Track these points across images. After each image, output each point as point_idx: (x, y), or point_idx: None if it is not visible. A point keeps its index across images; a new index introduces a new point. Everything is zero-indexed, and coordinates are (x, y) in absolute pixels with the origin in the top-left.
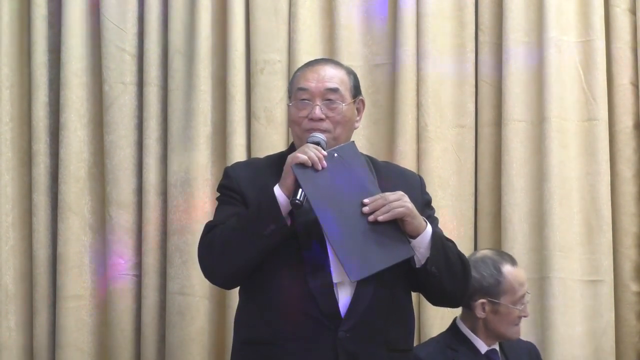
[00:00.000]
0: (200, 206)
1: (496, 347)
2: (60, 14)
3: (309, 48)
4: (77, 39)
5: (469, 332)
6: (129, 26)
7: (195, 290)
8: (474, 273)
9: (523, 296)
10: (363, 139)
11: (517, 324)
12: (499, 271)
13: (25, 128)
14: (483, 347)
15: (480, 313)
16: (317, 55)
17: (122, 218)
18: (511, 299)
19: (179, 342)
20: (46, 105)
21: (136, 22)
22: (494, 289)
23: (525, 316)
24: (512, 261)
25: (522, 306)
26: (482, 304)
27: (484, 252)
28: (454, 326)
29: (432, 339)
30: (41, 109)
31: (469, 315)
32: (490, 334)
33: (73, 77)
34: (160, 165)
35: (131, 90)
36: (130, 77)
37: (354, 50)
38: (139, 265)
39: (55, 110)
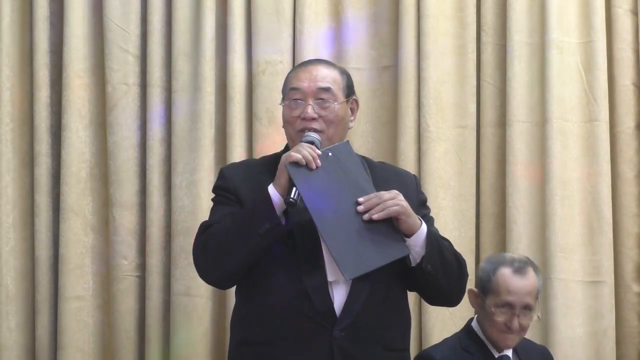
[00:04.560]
0: (206, 207)
1: (509, 352)
2: (62, 14)
3: (315, 49)
4: (80, 39)
5: (483, 336)
6: (132, 27)
7: (201, 291)
8: (482, 264)
9: (508, 305)
10: (372, 141)
11: (503, 331)
12: (495, 270)
13: (26, 129)
14: (496, 353)
15: (471, 301)
16: (323, 57)
17: (126, 219)
18: (494, 300)
19: (184, 344)
20: (48, 106)
21: (139, 23)
22: (484, 284)
23: (509, 327)
24: (519, 270)
25: (506, 315)
26: (474, 292)
27: (509, 253)
28: (469, 327)
29: (447, 339)
30: (43, 109)
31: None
32: (488, 338)
33: (75, 78)
34: (164, 167)
35: (134, 91)
36: (133, 78)
37: (361, 52)
38: (142, 266)
39: (57, 111)
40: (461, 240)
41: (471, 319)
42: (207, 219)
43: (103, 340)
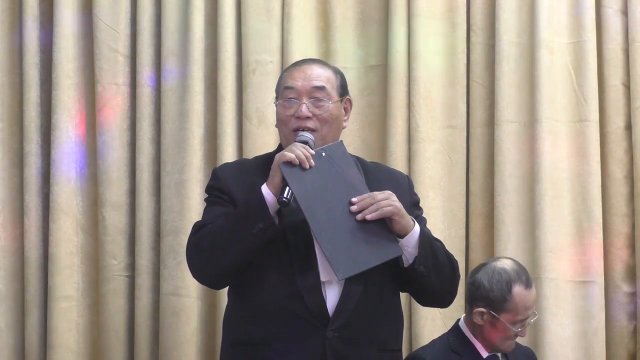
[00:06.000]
0: (195, 207)
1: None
2: (52, 14)
3: (302, 49)
4: (69, 39)
5: (471, 335)
6: (121, 27)
7: (189, 291)
8: (485, 281)
9: (525, 319)
10: (359, 140)
11: (511, 339)
12: (509, 289)
13: (16, 129)
14: (484, 353)
15: (477, 319)
16: (311, 56)
17: (115, 219)
18: (511, 318)
19: (173, 343)
20: (38, 106)
21: (129, 23)
22: (498, 304)
23: (521, 336)
24: (527, 283)
25: (521, 328)
26: (482, 312)
27: (504, 262)
28: (457, 328)
29: (435, 340)
30: (33, 109)
31: (470, 318)
32: (485, 343)
33: (65, 77)
34: (153, 167)
35: (124, 91)
36: (123, 78)
37: (349, 51)
38: (131, 266)
39: (46, 111)
40: (451, 240)
41: (458, 320)
42: (198, 219)
43: (93, 340)
